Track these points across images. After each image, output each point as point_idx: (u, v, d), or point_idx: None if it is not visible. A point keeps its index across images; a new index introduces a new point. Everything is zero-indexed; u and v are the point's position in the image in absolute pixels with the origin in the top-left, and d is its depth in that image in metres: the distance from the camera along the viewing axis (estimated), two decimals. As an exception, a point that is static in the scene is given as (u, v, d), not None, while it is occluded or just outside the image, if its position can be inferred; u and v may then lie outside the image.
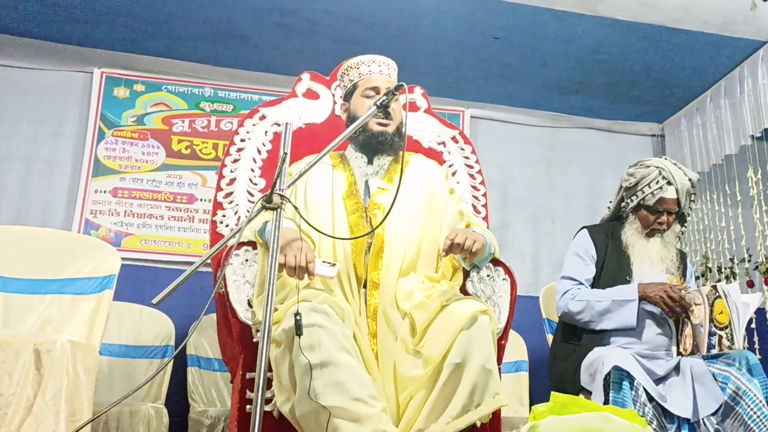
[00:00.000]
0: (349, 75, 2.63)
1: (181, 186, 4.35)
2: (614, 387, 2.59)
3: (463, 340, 2.06)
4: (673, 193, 2.98)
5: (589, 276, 3.00)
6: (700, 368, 2.75)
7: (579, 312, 2.90)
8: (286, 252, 2.13)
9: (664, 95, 4.65)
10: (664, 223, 3.02)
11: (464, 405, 2.02)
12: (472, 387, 2.02)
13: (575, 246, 3.11)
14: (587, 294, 2.91)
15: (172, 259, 4.21)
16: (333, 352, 1.95)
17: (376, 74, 2.58)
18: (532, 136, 4.89)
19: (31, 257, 2.93)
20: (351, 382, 1.94)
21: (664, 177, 2.99)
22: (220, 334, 2.57)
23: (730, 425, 2.64)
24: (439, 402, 2.03)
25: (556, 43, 4.09)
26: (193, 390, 3.63)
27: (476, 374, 2.03)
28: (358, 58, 2.63)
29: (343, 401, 1.90)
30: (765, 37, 3.95)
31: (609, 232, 3.11)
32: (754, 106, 4.07)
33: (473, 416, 2.03)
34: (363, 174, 2.54)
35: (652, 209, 3.01)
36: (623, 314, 2.81)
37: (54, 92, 4.34)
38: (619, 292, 2.85)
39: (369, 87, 2.55)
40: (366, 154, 2.57)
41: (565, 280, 3.03)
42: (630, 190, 3.07)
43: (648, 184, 3.01)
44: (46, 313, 2.83)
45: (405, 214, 2.43)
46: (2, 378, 2.25)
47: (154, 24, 4.05)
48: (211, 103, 4.51)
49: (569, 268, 3.05)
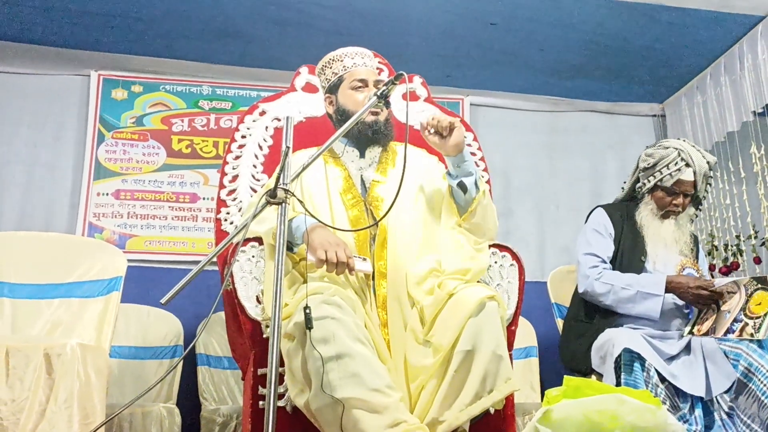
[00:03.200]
0: (332, 68, 2.62)
1: (183, 185, 4.35)
2: (625, 369, 2.60)
3: (472, 327, 2.06)
4: (690, 175, 2.99)
5: (609, 253, 3.02)
6: (711, 346, 2.76)
7: (603, 294, 2.91)
8: (326, 248, 2.14)
9: (663, 75, 4.63)
10: (680, 205, 3.03)
11: (477, 392, 2.02)
12: (483, 373, 2.02)
13: (593, 223, 3.11)
14: (613, 278, 2.91)
15: (177, 259, 4.21)
16: (347, 343, 1.95)
17: (360, 66, 2.59)
18: (532, 121, 4.87)
19: (37, 262, 2.94)
20: (367, 372, 1.93)
21: (683, 159, 2.99)
22: (230, 332, 2.57)
23: (744, 402, 2.64)
24: (452, 390, 2.03)
25: (553, 27, 4.07)
26: (204, 389, 3.64)
27: (487, 360, 2.03)
28: (340, 51, 2.63)
29: (360, 392, 1.90)
30: (764, 11, 3.92)
31: (624, 212, 3.11)
32: (755, 82, 4.05)
33: (486, 402, 2.03)
34: (357, 168, 2.55)
35: (669, 190, 3.01)
36: (647, 306, 2.83)
37: (52, 96, 4.33)
38: (646, 282, 2.86)
39: (356, 79, 2.56)
40: (358, 147, 2.59)
41: (588, 257, 3.02)
42: (647, 171, 3.06)
43: (666, 165, 3.01)
44: (55, 318, 2.84)
45: (407, 202, 2.44)
46: (14, 383, 2.26)
47: (149, 24, 4.04)
48: (210, 101, 4.50)
49: (592, 244, 3.04)
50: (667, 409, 2.07)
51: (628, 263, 2.96)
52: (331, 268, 2.14)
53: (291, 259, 2.33)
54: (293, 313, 2.05)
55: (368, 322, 2.15)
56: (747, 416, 2.63)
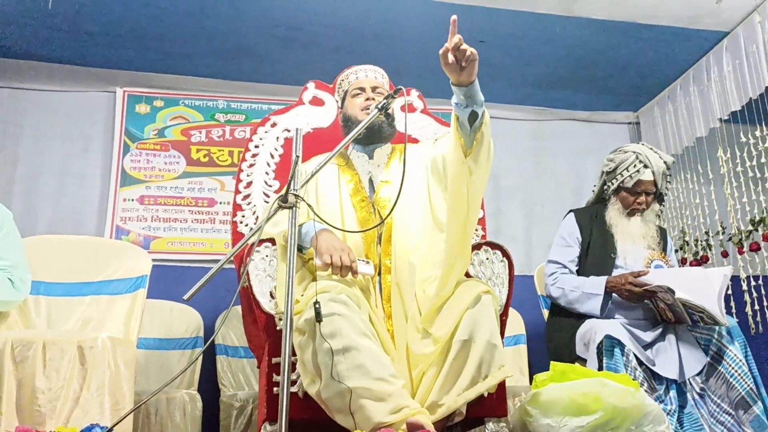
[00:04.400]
0: (342, 86, 2.69)
1: (202, 191, 4.34)
2: (607, 354, 2.60)
3: (469, 319, 2.06)
4: (649, 175, 2.98)
5: (573, 257, 3.03)
6: (685, 333, 2.77)
7: (557, 297, 2.96)
8: (331, 253, 2.14)
9: (637, 85, 4.62)
10: (643, 203, 3.03)
11: (473, 377, 2.02)
12: (479, 361, 2.03)
13: (561, 230, 3.13)
14: (565, 282, 2.94)
15: (196, 258, 4.20)
16: (353, 337, 1.96)
17: (362, 77, 2.63)
18: (519, 129, 4.86)
19: (70, 263, 2.93)
20: (372, 363, 1.94)
21: (641, 161, 2.99)
22: (246, 324, 2.57)
23: (714, 384, 2.65)
24: (450, 376, 2.04)
25: (537, 43, 4.07)
26: (223, 376, 3.63)
27: (483, 349, 2.03)
28: (349, 69, 2.68)
29: (366, 382, 1.91)
30: (728, 27, 3.93)
31: (594, 213, 3.12)
32: (721, 92, 4.05)
33: (482, 387, 2.04)
34: (366, 171, 2.55)
35: (631, 190, 3.01)
36: (590, 305, 2.84)
37: (81, 112, 4.33)
38: (590, 284, 2.87)
39: (356, 87, 2.60)
40: (366, 150, 2.59)
41: (550, 264, 3.07)
42: (610, 174, 3.07)
43: (626, 168, 3.01)
44: (87, 313, 2.84)
45: (410, 199, 2.43)
46: (50, 374, 2.26)
47: (170, 44, 4.04)
48: (225, 114, 4.50)
49: (554, 253, 3.08)
50: (644, 391, 2.08)
51: (599, 260, 2.96)
52: (336, 272, 2.14)
53: (301, 259, 2.33)
54: (303, 310, 2.06)
55: (373, 317, 2.15)
56: (717, 396, 2.64)
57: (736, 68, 3.91)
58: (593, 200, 3.23)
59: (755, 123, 3.91)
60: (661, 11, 3.74)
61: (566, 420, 1.86)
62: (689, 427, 2.59)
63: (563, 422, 1.86)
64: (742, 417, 2.55)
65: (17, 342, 2.28)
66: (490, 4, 3.69)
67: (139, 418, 2.95)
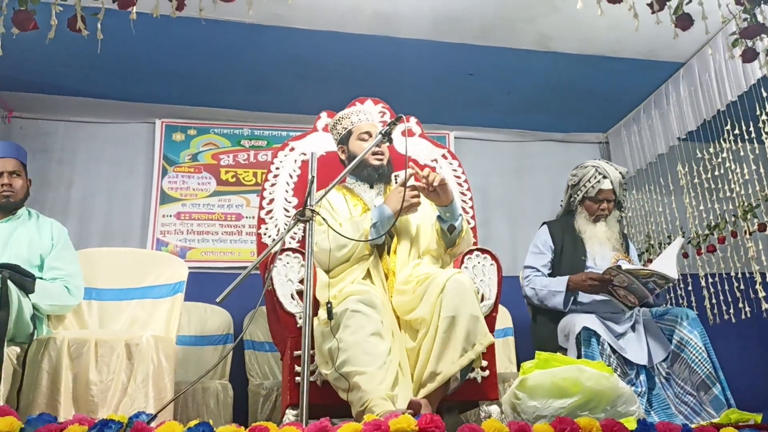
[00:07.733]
0: (342, 124, 2.65)
1: (230, 207, 4.36)
2: (585, 344, 2.60)
3: (451, 297, 2.08)
4: (608, 185, 2.99)
5: (545, 262, 3.02)
6: (651, 325, 2.76)
7: (531, 296, 2.96)
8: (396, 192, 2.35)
9: (606, 110, 4.63)
10: (606, 209, 3.03)
11: (463, 347, 2.06)
12: (466, 332, 2.06)
13: (535, 240, 3.12)
14: (536, 282, 2.94)
15: (226, 266, 4.21)
16: (367, 333, 2.01)
17: (364, 122, 2.63)
18: (504, 149, 4.86)
19: (118, 271, 2.94)
20: (371, 354, 1.98)
21: (600, 172, 3.00)
22: (270, 322, 2.58)
23: (678, 368, 2.65)
24: (443, 347, 2.06)
25: (518, 75, 4.08)
26: (250, 368, 3.63)
27: (467, 321, 2.07)
28: (346, 111, 2.69)
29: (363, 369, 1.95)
30: (684, 59, 3.94)
31: (564, 223, 3.12)
32: (679, 115, 4.06)
33: (472, 354, 2.07)
34: (370, 198, 2.58)
35: (594, 199, 3.01)
36: (555, 301, 2.85)
37: (126, 140, 4.36)
38: (555, 284, 2.88)
39: (363, 132, 2.60)
40: (368, 182, 2.62)
41: (525, 269, 3.06)
42: (575, 187, 3.07)
43: (588, 180, 3.02)
44: (133, 315, 2.84)
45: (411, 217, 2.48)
46: (101, 368, 2.27)
47: (202, 81, 4.06)
48: (250, 140, 4.51)
49: (529, 260, 3.07)
50: (617, 375, 2.07)
51: (572, 263, 2.96)
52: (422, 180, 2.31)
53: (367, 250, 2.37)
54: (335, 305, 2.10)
55: (385, 319, 2.17)
56: (681, 380, 2.63)
57: (692, 94, 3.92)
58: (562, 212, 3.23)
59: (709, 141, 3.91)
60: (625, 46, 3.75)
61: (550, 402, 1.86)
62: (657, 406, 2.58)
63: (547, 404, 1.85)
64: (703, 397, 2.55)
65: (73, 341, 2.29)
66: (477, 42, 3.71)
67: (179, 405, 2.95)
